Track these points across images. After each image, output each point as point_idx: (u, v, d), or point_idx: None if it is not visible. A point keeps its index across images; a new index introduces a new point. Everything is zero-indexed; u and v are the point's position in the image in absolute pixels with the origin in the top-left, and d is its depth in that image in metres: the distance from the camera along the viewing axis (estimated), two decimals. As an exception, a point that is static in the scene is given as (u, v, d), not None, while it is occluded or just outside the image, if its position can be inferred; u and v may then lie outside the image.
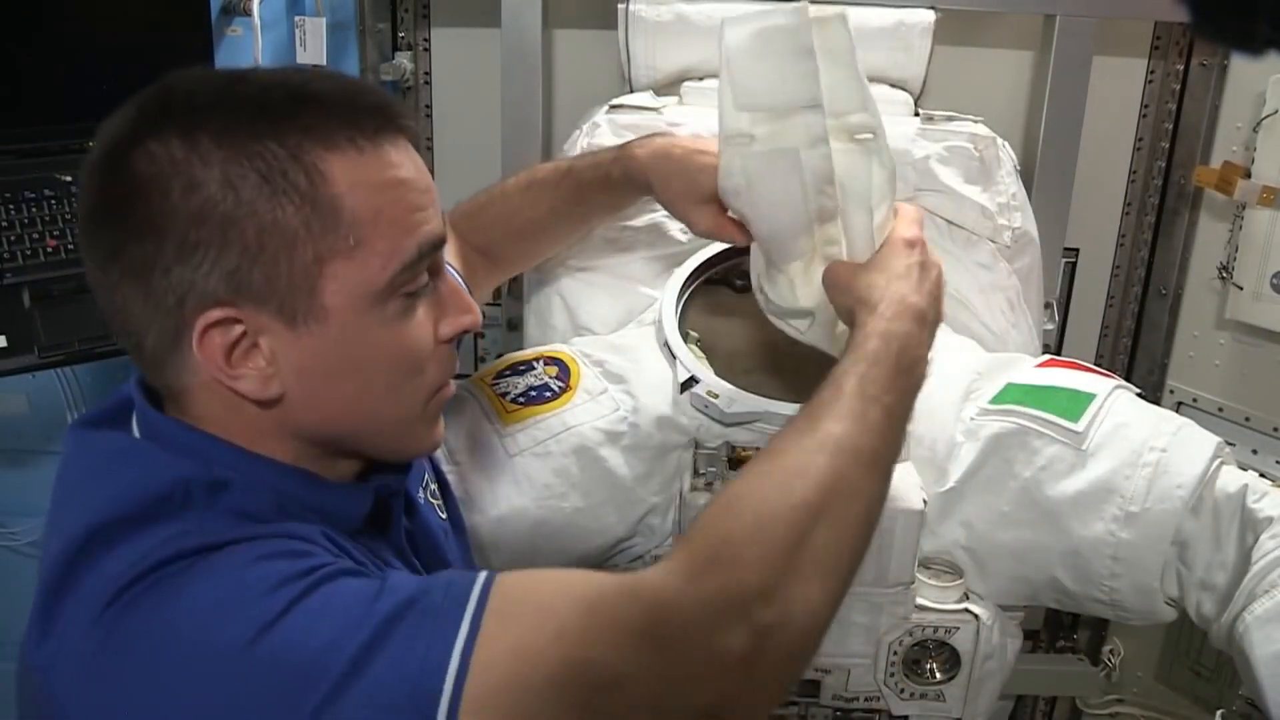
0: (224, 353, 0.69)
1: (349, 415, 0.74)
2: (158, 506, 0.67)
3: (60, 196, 1.30)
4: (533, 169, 1.27)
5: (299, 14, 1.55)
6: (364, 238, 0.69)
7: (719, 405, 1.17)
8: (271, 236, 0.67)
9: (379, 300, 0.71)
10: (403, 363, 0.74)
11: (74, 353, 1.24)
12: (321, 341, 0.70)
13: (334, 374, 0.72)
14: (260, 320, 0.69)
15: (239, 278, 0.67)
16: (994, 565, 1.19)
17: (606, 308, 1.37)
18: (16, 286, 1.23)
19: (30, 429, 1.56)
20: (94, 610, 0.62)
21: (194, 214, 0.66)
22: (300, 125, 0.68)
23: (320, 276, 0.68)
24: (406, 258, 0.71)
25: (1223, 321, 1.70)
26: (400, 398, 0.76)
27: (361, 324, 0.71)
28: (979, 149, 1.39)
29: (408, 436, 0.79)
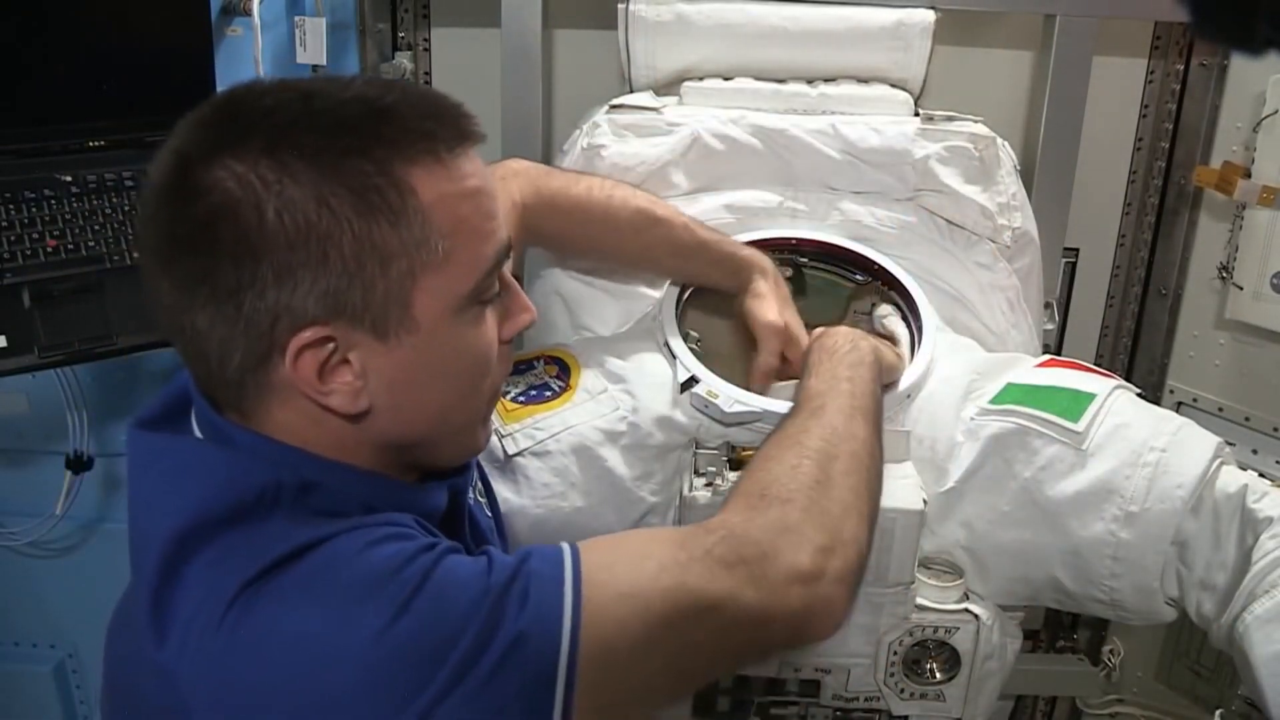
0: (316, 371, 0.69)
1: (427, 422, 0.76)
2: (251, 508, 0.68)
3: (60, 196, 1.30)
4: (646, 200, 1.27)
5: (299, 14, 1.55)
6: (451, 249, 0.70)
7: (719, 405, 1.17)
8: (369, 254, 0.67)
9: (463, 308, 0.73)
10: (477, 366, 0.76)
11: (74, 353, 1.24)
12: (411, 353, 0.71)
13: (420, 384, 0.73)
14: (352, 336, 0.69)
15: (336, 297, 0.67)
16: (994, 565, 1.19)
17: (607, 308, 1.37)
18: (16, 286, 1.23)
19: (30, 429, 1.56)
20: (217, 609, 0.64)
21: (290, 235, 0.65)
22: (385, 141, 0.68)
23: (414, 290, 0.69)
24: (488, 266, 0.73)
25: (1223, 321, 1.70)
26: (473, 401, 0.78)
27: (447, 333, 0.72)
28: (979, 149, 1.40)
29: (468, 438, 0.81)
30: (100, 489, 1.58)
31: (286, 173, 0.65)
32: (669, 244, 1.27)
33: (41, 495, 1.55)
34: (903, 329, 1.33)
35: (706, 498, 1.14)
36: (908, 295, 1.35)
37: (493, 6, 1.60)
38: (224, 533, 0.67)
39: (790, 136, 1.41)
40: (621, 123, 1.41)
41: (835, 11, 1.52)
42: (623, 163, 1.39)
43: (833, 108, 1.47)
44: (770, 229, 1.40)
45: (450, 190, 0.71)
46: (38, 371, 1.28)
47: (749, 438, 1.20)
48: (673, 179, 1.40)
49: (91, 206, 1.31)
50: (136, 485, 0.75)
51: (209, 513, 0.67)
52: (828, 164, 1.41)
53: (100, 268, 1.28)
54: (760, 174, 1.42)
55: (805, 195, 1.42)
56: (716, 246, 1.28)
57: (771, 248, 1.40)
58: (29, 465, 1.58)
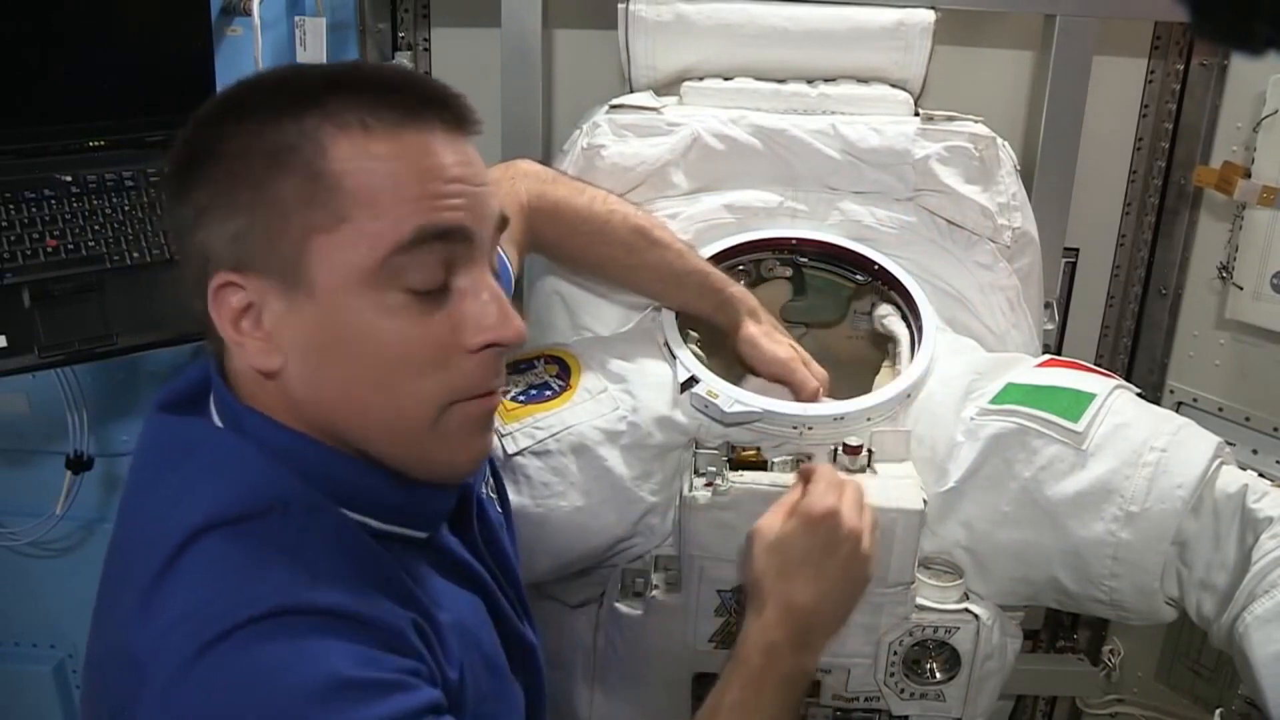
0: (233, 318, 0.71)
1: (341, 402, 0.72)
2: (259, 512, 0.69)
3: (60, 196, 1.29)
4: (646, 221, 1.27)
5: (299, 14, 1.55)
6: (354, 216, 0.69)
7: (719, 405, 1.17)
8: (269, 207, 0.69)
9: (373, 284, 0.69)
10: (400, 360, 0.71)
11: (74, 353, 1.24)
12: (313, 317, 0.70)
13: (325, 353, 0.71)
14: (262, 289, 0.70)
15: (242, 244, 0.70)
16: (994, 565, 1.19)
17: (607, 308, 1.37)
18: (16, 286, 1.23)
19: (30, 429, 1.55)
20: (193, 643, 0.63)
21: (210, 181, 0.70)
22: (322, 107, 0.70)
23: (308, 250, 0.69)
24: (399, 239, 0.69)
25: (1223, 321, 1.70)
26: (398, 398, 0.72)
27: (353, 306, 0.70)
28: (979, 149, 1.40)
29: (417, 448, 0.74)
30: (100, 489, 1.58)
31: (228, 128, 0.71)
32: (658, 268, 1.26)
33: (41, 495, 1.55)
34: (903, 329, 1.33)
35: (706, 497, 1.14)
36: (908, 295, 1.35)
37: (493, 6, 1.60)
38: (233, 530, 0.68)
39: (790, 136, 1.41)
40: (621, 123, 1.41)
41: (835, 11, 1.52)
42: (623, 163, 1.39)
43: (833, 108, 1.47)
44: (770, 229, 1.40)
45: (373, 160, 0.69)
46: (38, 371, 1.28)
47: (749, 437, 1.20)
48: (673, 179, 1.40)
49: (91, 206, 1.31)
50: (139, 464, 0.76)
51: (224, 512, 0.68)
52: (828, 164, 1.41)
53: (100, 268, 1.28)
54: (760, 174, 1.42)
55: (805, 195, 1.42)
56: (705, 278, 1.27)
57: (771, 248, 1.40)
58: (29, 465, 1.58)
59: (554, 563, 1.21)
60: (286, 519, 0.69)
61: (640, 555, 1.23)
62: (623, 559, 1.23)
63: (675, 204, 1.40)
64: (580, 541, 1.19)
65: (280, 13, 1.54)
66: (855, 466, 1.17)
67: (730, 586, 1.17)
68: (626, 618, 1.21)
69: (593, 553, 1.22)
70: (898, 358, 1.30)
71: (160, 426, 0.76)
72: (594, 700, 1.28)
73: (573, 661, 1.28)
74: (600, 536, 1.20)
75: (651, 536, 1.22)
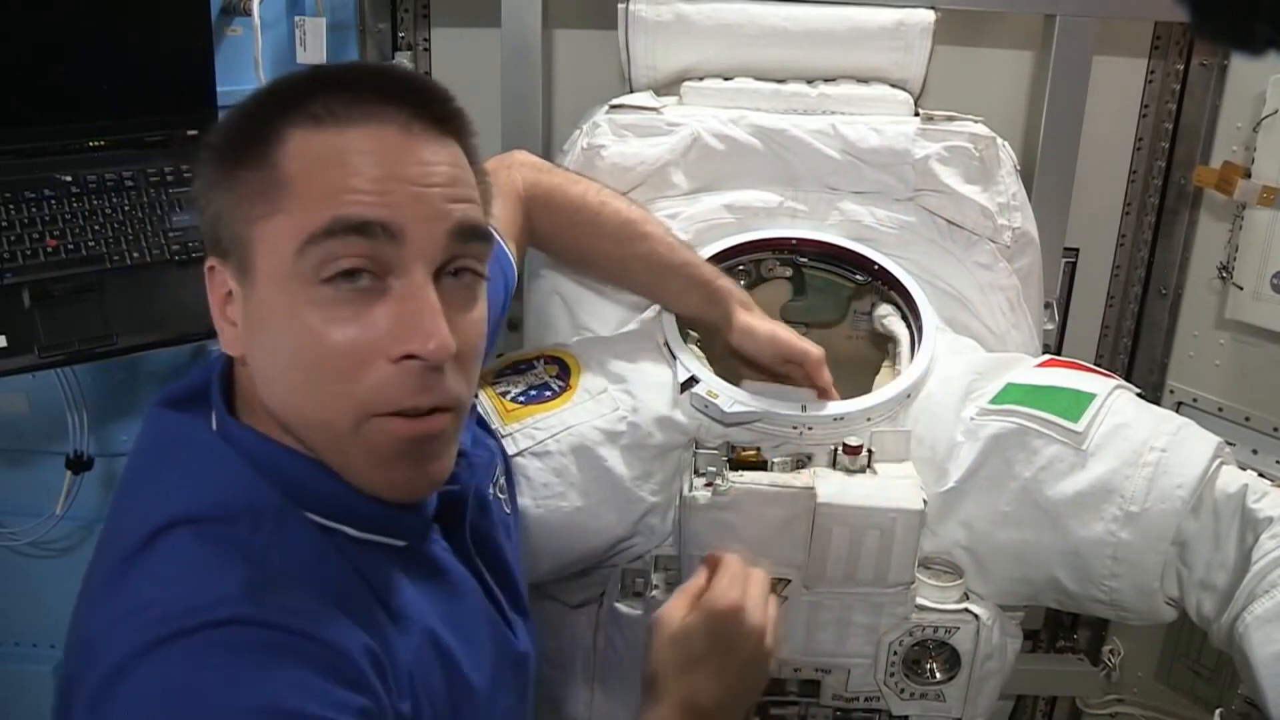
0: (220, 304, 0.75)
1: (284, 399, 0.72)
2: (230, 517, 0.70)
3: (60, 196, 1.29)
4: (639, 214, 1.25)
5: (299, 14, 1.55)
6: (287, 206, 0.70)
7: (719, 405, 1.17)
8: (229, 194, 0.72)
9: (297, 275, 0.69)
10: (320, 355, 0.69)
11: (74, 353, 1.24)
12: (258, 307, 0.72)
13: (264, 345, 0.72)
14: (232, 274, 0.73)
15: (216, 229, 0.73)
16: (994, 565, 1.19)
17: (607, 308, 1.37)
18: (16, 286, 1.23)
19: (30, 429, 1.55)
20: (144, 636, 0.63)
21: (201, 169, 0.75)
22: (294, 103, 0.72)
23: (252, 238, 0.71)
24: (314, 228, 0.68)
25: (1223, 321, 1.70)
26: (322, 399, 0.70)
27: (281, 297, 0.70)
28: (979, 149, 1.40)
29: (342, 458, 0.72)
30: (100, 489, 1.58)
31: (225, 121, 0.75)
32: (646, 260, 1.24)
33: (41, 495, 1.55)
34: (903, 329, 1.33)
35: (706, 497, 1.14)
36: (908, 295, 1.35)
37: (493, 6, 1.60)
38: (203, 529, 0.68)
39: (790, 136, 1.41)
40: (621, 123, 1.41)
41: (835, 11, 1.52)
42: (623, 163, 1.39)
43: (833, 108, 1.47)
44: (770, 229, 1.40)
45: (313, 151, 0.70)
46: (38, 371, 1.28)
47: (749, 437, 1.20)
48: (673, 179, 1.40)
49: (91, 206, 1.31)
50: (134, 458, 0.77)
51: (195, 511, 0.69)
52: (828, 164, 1.41)
53: (100, 268, 1.28)
54: (760, 174, 1.42)
55: (805, 195, 1.42)
56: (694, 271, 1.25)
57: (771, 248, 1.40)
58: (29, 465, 1.58)
59: (554, 563, 1.21)
60: (256, 529, 0.69)
61: (640, 555, 1.23)
62: (623, 559, 1.23)
63: (675, 204, 1.40)
64: (580, 542, 1.19)
65: (280, 13, 1.55)
66: (855, 466, 1.17)
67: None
68: (626, 618, 1.21)
69: (593, 553, 1.22)
70: (898, 358, 1.30)
71: (158, 422, 0.77)
72: (594, 700, 1.28)
73: (573, 661, 1.28)
74: (600, 537, 1.20)
75: (651, 536, 1.22)
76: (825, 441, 1.20)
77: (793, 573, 1.15)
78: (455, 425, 0.75)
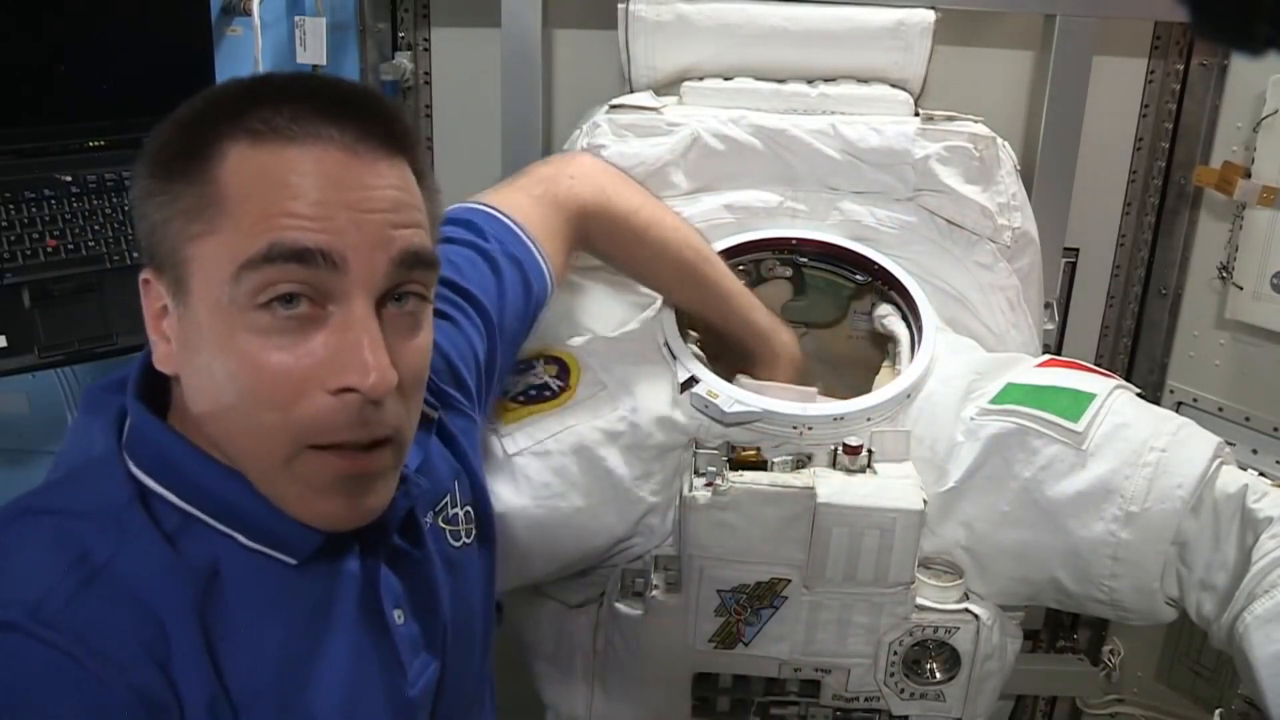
0: (154, 317, 0.73)
1: (213, 421, 0.70)
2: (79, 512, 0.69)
3: (60, 196, 1.30)
4: (700, 254, 1.25)
5: (299, 14, 1.55)
6: (223, 227, 0.68)
7: (719, 405, 1.17)
8: (163, 209, 0.70)
9: (233, 299, 0.67)
10: (258, 384, 0.67)
11: (74, 353, 1.24)
12: (189, 326, 0.70)
13: (196, 365, 0.70)
14: (167, 289, 0.71)
15: (148, 240, 0.71)
16: (994, 565, 1.19)
17: (607, 308, 1.37)
18: (16, 286, 1.23)
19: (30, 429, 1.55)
20: None
21: (137, 179, 0.72)
22: (235, 116, 0.70)
23: (187, 256, 0.69)
24: (250, 253, 0.66)
25: (1223, 321, 1.70)
26: (255, 427, 0.68)
27: (216, 320, 0.68)
28: (979, 149, 1.40)
29: (270, 485, 0.70)
30: (100, 489, 1.58)
31: (161, 130, 0.72)
32: (701, 305, 1.28)
33: (41, 495, 1.56)
34: (903, 329, 1.33)
35: (706, 497, 1.14)
36: (908, 295, 1.35)
37: (493, 6, 1.60)
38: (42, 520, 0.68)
39: (790, 136, 1.41)
40: (621, 123, 1.41)
41: (835, 11, 1.52)
42: (623, 163, 1.38)
43: (833, 108, 1.47)
44: (770, 229, 1.40)
45: (251, 172, 0.68)
46: (38, 371, 1.28)
47: (749, 437, 1.20)
48: (673, 179, 1.40)
49: (91, 206, 1.31)
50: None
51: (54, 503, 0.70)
52: (828, 164, 1.41)
53: (100, 268, 1.28)
54: (760, 174, 1.42)
55: (805, 195, 1.42)
56: (749, 321, 1.28)
57: (771, 248, 1.40)
58: (29, 465, 1.58)
59: (554, 563, 1.21)
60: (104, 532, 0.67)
61: (640, 555, 1.23)
62: (623, 559, 1.23)
63: (675, 204, 1.40)
64: (580, 542, 1.19)
65: (280, 13, 1.55)
66: (855, 466, 1.17)
67: (730, 586, 1.17)
68: (626, 618, 1.21)
69: (593, 553, 1.22)
70: (898, 358, 1.30)
71: (85, 401, 0.78)
72: (594, 700, 1.28)
73: (573, 661, 1.28)
74: (600, 537, 1.20)
75: (651, 536, 1.22)
76: (825, 441, 1.20)
77: (793, 572, 1.15)
78: (396, 458, 0.73)
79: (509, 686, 1.33)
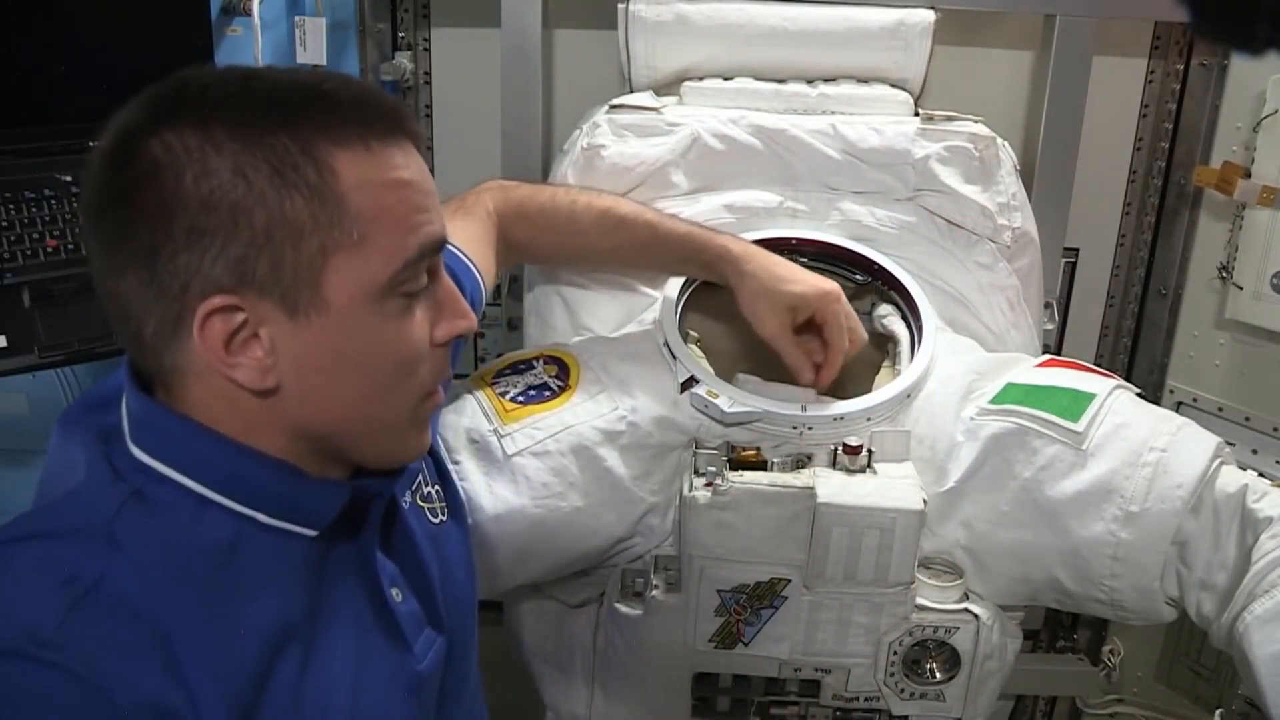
0: (224, 341, 0.69)
1: (342, 412, 0.75)
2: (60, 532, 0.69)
3: (60, 196, 1.29)
4: (610, 201, 1.28)
5: (299, 14, 1.55)
6: (368, 234, 0.70)
7: (719, 405, 1.17)
8: (279, 227, 0.68)
9: (380, 297, 0.72)
10: (399, 362, 0.75)
11: (74, 353, 1.24)
12: (322, 335, 0.71)
13: (332, 369, 0.72)
14: (262, 310, 0.69)
15: (244, 266, 0.68)
16: (994, 565, 1.19)
17: (607, 308, 1.37)
18: (16, 286, 1.23)
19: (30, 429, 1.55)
20: None
21: (204, 200, 0.67)
22: (313, 121, 0.69)
23: (325, 269, 0.69)
24: (408, 255, 0.72)
25: (1223, 321, 1.70)
26: (394, 399, 0.76)
27: (361, 320, 0.72)
28: (979, 149, 1.40)
29: (396, 441, 0.79)
30: (100, 489, 1.58)
31: (210, 142, 0.67)
32: (634, 242, 1.27)
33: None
34: (903, 329, 1.33)
35: (706, 497, 1.14)
36: (908, 295, 1.35)
37: (493, 6, 1.60)
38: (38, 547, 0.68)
39: (790, 136, 1.41)
40: (621, 123, 1.41)
41: (835, 11, 1.52)
42: (623, 163, 1.39)
43: (833, 108, 1.47)
44: (770, 229, 1.40)
45: (375, 177, 0.71)
46: (38, 371, 1.28)
47: (749, 437, 1.20)
48: (673, 179, 1.40)
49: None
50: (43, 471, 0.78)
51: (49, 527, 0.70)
52: (828, 164, 1.41)
53: (100, 268, 1.28)
54: (760, 174, 1.42)
55: (805, 195, 1.42)
56: (685, 241, 1.26)
57: (771, 248, 1.40)
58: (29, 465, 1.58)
59: (554, 563, 1.21)
60: (91, 550, 0.67)
61: (640, 555, 1.23)
62: (623, 559, 1.23)
63: (675, 204, 1.40)
64: (580, 542, 1.19)
65: (280, 13, 1.55)
66: (855, 466, 1.17)
67: (730, 586, 1.17)
68: (626, 618, 1.21)
69: (593, 553, 1.22)
70: (898, 358, 1.30)
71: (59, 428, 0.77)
72: (594, 700, 1.28)
73: (572, 661, 1.28)
74: (600, 537, 1.20)
75: (651, 536, 1.22)
76: (825, 441, 1.20)
77: (793, 572, 1.16)
78: None
79: (509, 686, 1.33)
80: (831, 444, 1.19)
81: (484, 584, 1.15)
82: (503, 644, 1.35)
